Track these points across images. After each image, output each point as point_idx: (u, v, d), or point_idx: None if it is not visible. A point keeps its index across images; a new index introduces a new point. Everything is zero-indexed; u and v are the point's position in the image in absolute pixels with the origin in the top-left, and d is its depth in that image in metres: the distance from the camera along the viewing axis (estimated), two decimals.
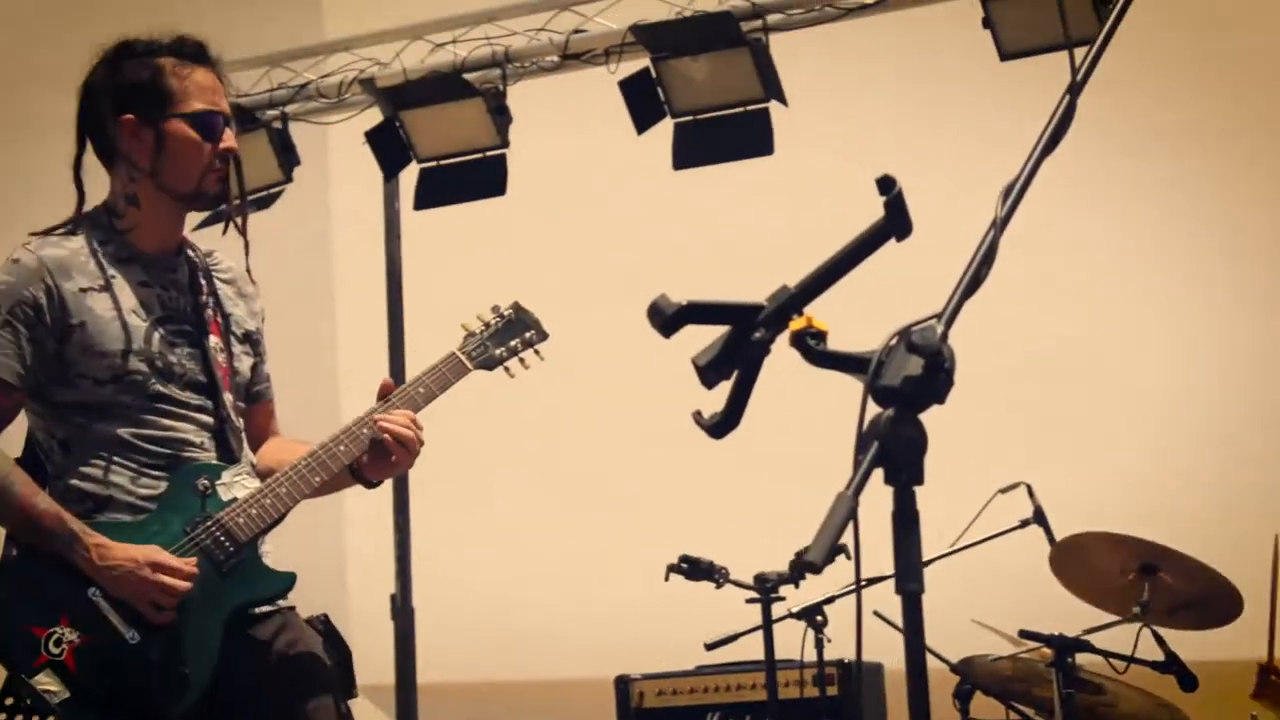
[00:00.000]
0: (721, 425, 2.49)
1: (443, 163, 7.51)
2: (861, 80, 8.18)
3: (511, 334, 4.05)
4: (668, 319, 2.43)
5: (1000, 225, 2.36)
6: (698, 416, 2.51)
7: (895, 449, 2.27)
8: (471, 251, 8.76)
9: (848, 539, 2.40)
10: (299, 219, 3.74)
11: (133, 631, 3.49)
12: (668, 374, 8.58)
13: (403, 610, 7.93)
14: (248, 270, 3.89)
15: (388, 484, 3.97)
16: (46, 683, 3.41)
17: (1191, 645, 5.29)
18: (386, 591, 8.02)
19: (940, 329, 2.26)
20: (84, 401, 3.61)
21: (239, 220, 3.82)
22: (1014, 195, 2.39)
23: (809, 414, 6.64)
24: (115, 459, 3.60)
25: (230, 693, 3.56)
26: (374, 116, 7.61)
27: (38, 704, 3.41)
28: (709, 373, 2.44)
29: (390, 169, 7.64)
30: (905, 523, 2.33)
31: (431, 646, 8.02)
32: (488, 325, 4.03)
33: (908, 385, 2.24)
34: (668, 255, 8.36)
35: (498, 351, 4.01)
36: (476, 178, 7.45)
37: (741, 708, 6.49)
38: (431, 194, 7.55)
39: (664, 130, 7.15)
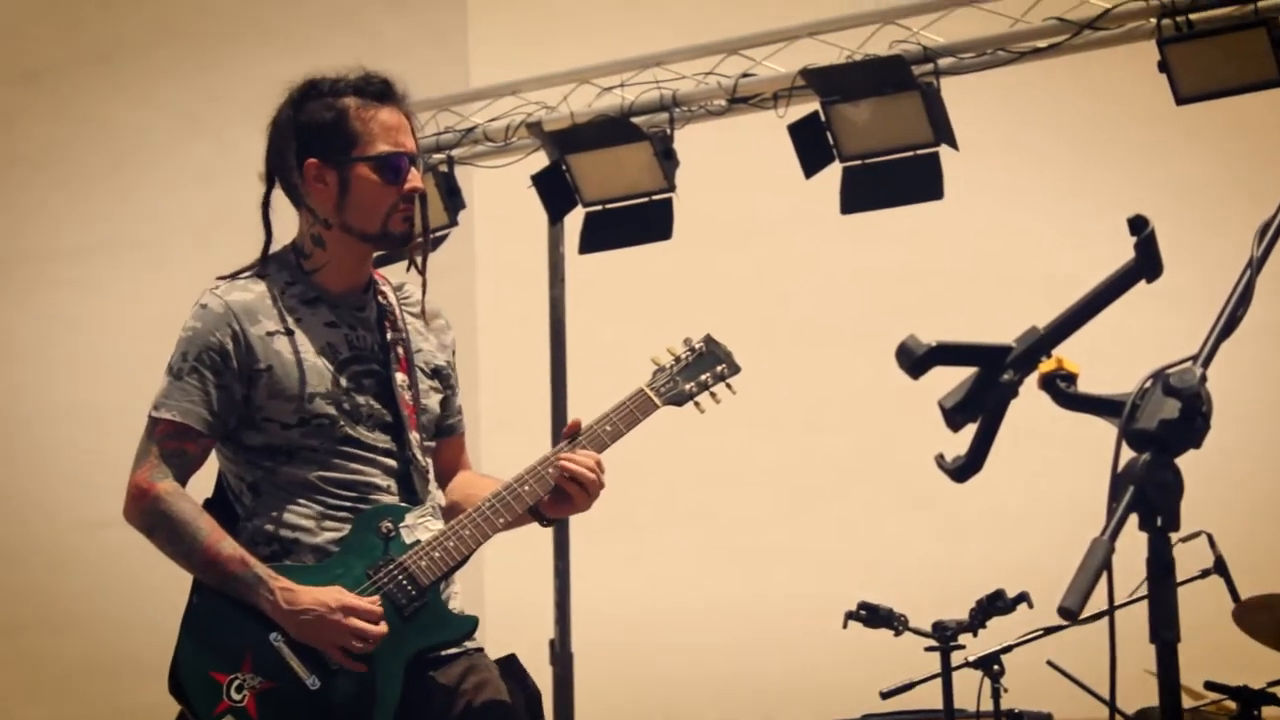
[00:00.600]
0: (965, 468, 2.46)
1: (609, 206, 7.52)
2: (1033, 124, 8.12)
3: (702, 368, 3.90)
4: (916, 360, 2.39)
5: (1257, 265, 2.32)
6: (940, 460, 2.47)
7: (1152, 494, 2.23)
8: (635, 297, 8.77)
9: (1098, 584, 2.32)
10: (445, 264, 3.77)
11: (314, 677, 3.49)
12: (840, 417, 8.58)
13: (562, 655, 7.90)
14: (423, 308, 3.84)
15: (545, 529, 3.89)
16: None
17: None
18: (543, 636, 7.98)
19: (1198, 372, 2.22)
20: (272, 445, 3.62)
21: (419, 259, 3.80)
22: (1270, 234, 2.34)
23: (992, 461, 6.59)
24: (301, 502, 3.61)
25: None
26: (539, 161, 7.63)
27: None
28: (955, 415, 2.40)
29: (556, 213, 7.66)
30: (1160, 570, 2.28)
31: (590, 693, 7.98)
32: (678, 359, 3.90)
33: (1164, 429, 2.20)
34: (834, 300, 8.33)
35: (688, 386, 3.87)
36: (643, 221, 7.44)
37: None
38: (597, 238, 7.55)
39: (832, 175, 7.12)
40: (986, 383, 2.39)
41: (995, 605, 5.64)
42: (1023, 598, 5.66)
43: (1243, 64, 6.44)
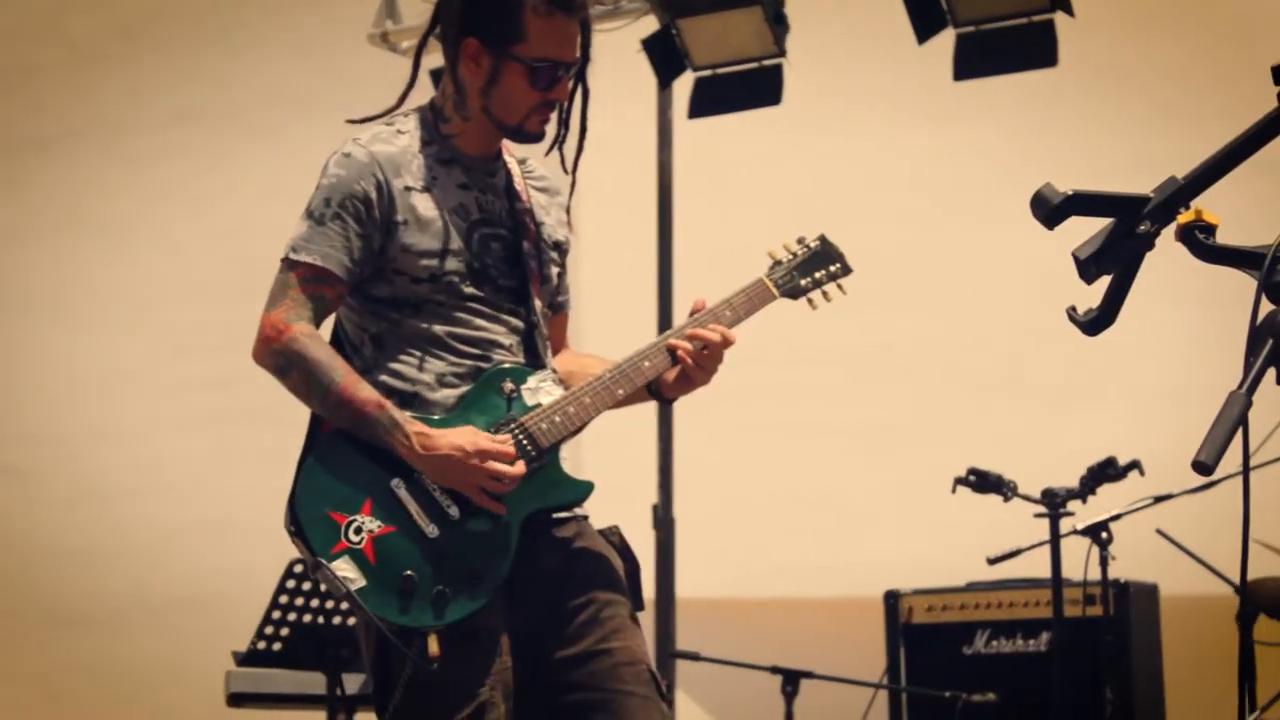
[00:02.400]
0: (1098, 321, 2.43)
1: (719, 71, 7.47)
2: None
3: (817, 265, 3.96)
4: (1052, 209, 2.36)
5: None
6: (1072, 312, 2.45)
7: None
8: (741, 165, 8.73)
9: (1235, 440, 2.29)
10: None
11: (433, 526, 3.51)
12: (942, 293, 8.52)
13: (664, 520, 7.95)
14: (567, 210, 3.87)
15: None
16: (344, 569, 3.44)
17: None
18: (641, 504, 8.03)
19: None
20: (399, 297, 3.63)
21: (564, 158, 3.80)
22: None
23: (1102, 336, 6.54)
24: (424, 356, 3.62)
25: (526, 584, 3.58)
26: (649, 25, 7.58)
27: (334, 588, 3.45)
28: (1089, 266, 2.37)
29: (665, 77, 7.62)
30: None
31: (692, 561, 8.03)
32: (794, 255, 3.95)
33: None
34: (942, 172, 8.25)
35: (803, 282, 3.93)
36: (752, 87, 7.39)
37: (1013, 625, 6.44)
38: (706, 103, 7.51)
39: (944, 42, 7.04)
40: (1122, 233, 2.36)
41: (1106, 472, 5.62)
42: (1134, 465, 5.64)
43: None
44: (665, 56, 7.50)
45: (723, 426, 8.34)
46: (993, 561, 5.78)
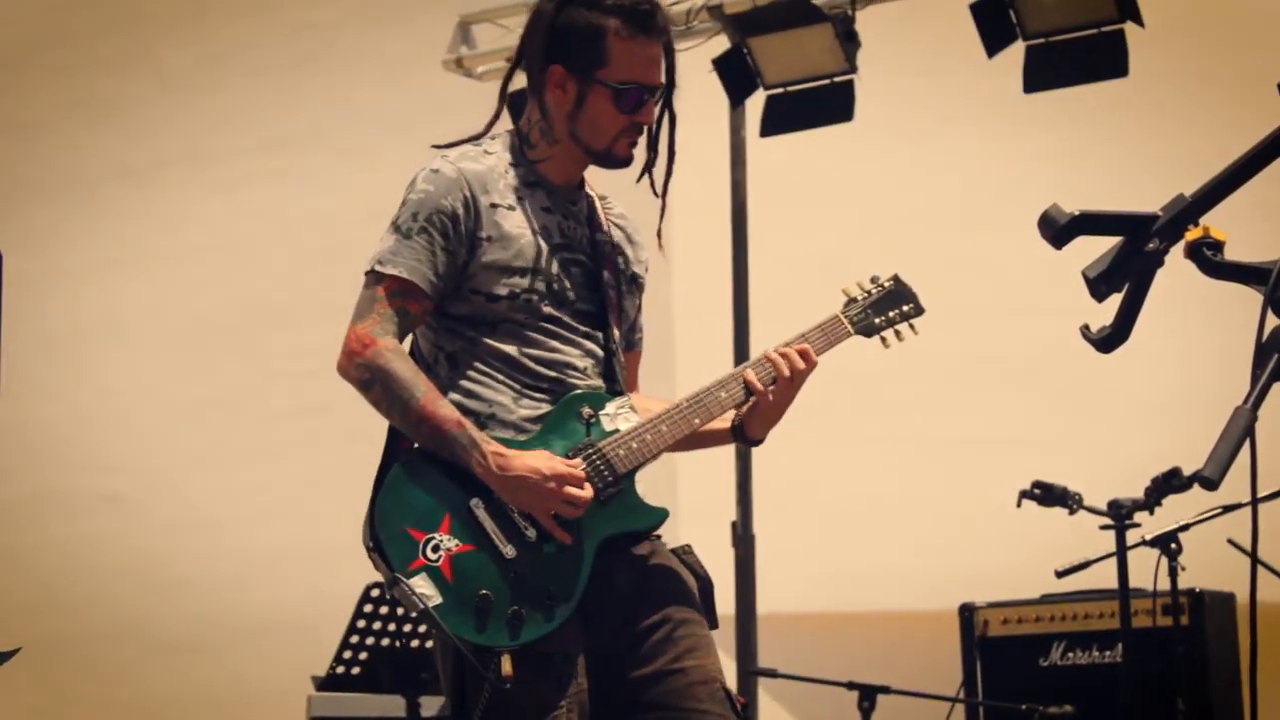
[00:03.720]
0: (1111, 339, 2.46)
1: (790, 89, 7.51)
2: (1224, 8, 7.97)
3: (890, 305, 3.99)
4: (1059, 229, 2.40)
5: None
6: (1085, 330, 2.48)
7: None
8: (814, 181, 8.75)
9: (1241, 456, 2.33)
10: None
11: (510, 546, 3.53)
12: (1012, 307, 8.51)
13: (744, 538, 7.97)
14: (659, 234, 3.87)
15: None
16: (421, 586, 3.46)
17: None
18: (722, 521, 8.06)
19: None
20: (476, 315, 3.65)
21: (654, 182, 3.82)
22: None
23: (1163, 343, 6.52)
24: (501, 376, 3.64)
25: (600, 604, 3.60)
26: (719, 45, 7.64)
27: (411, 605, 3.48)
28: (1099, 285, 2.41)
29: (737, 96, 7.67)
30: None
31: (771, 577, 8.05)
32: (869, 293, 3.98)
33: None
34: (1010, 186, 8.25)
35: (877, 320, 3.96)
36: (824, 103, 7.43)
37: (1088, 637, 6.41)
38: (778, 120, 7.56)
39: (1015, 55, 7.05)
40: (1131, 252, 2.39)
41: (1171, 483, 5.61)
42: (1199, 476, 5.60)
43: None
44: (737, 75, 7.56)
45: (799, 442, 8.36)
46: (1061, 574, 5.78)
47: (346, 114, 10.02)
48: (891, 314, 3.99)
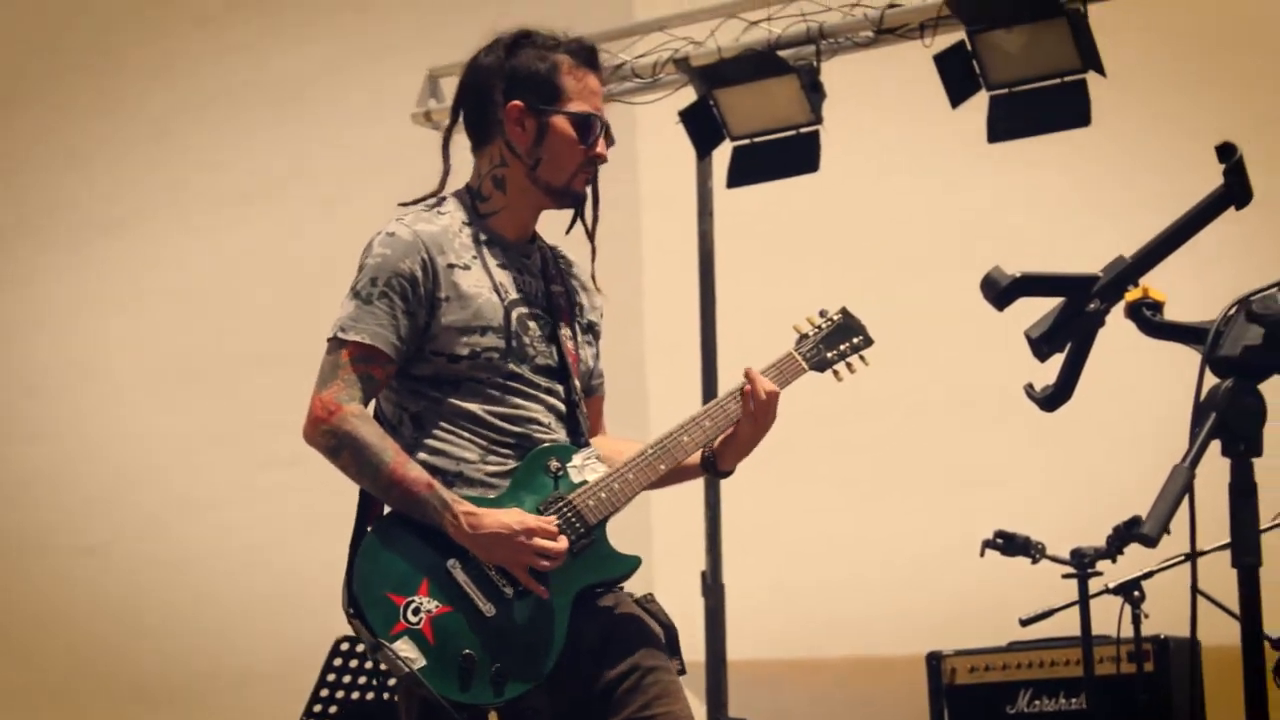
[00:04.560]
0: (1054, 398, 2.50)
1: (756, 140, 7.56)
2: (1182, 54, 8.02)
3: (841, 338, 4.08)
4: (1001, 291, 2.44)
5: None
6: (1029, 389, 2.52)
7: (1234, 420, 2.26)
8: (782, 230, 8.79)
9: (1181, 512, 2.37)
10: (609, 201, 3.80)
11: (489, 605, 3.57)
12: (977, 349, 8.55)
13: (713, 587, 7.98)
14: (592, 276, 3.97)
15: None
16: (405, 650, 3.50)
17: None
18: (694, 569, 8.07)
19: None
20: (439, 376, 3.70)
21: (588, 224, 3.91)
22: None
23: (1127, 386, 6.56)
24: (466, 434, 3.69)
25: (573, 655, 3.65)
26: (687, 96, 7.68)
27: (395, 669, 3.52)
28: (1041, 345, 2.45)
29: (704, 148, 7.71)
30: (1242, 494, 2.32)
31: (741, 624, 8.06)
32: (819, 328, 4.07)
33: (1247, 355, 2.24)
34: (981, 231, 8.29)
35: (829, 355, 4.05)
36: (790, 154, 7.47)
37: (1054, 684, 6.44)
38: (745, 171, 7.60)
39: (978, 104, 7.10)
40: (1073, 312, 2.43)
41: (1131, 532, 5.63)
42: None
43: None
44: (703, 127, 7.60)
45: (768, 487, 8.40)
46: (1025, 623, 5.81)
47: (326, 159, 10.06)
48: (842, 347, 4.07)
